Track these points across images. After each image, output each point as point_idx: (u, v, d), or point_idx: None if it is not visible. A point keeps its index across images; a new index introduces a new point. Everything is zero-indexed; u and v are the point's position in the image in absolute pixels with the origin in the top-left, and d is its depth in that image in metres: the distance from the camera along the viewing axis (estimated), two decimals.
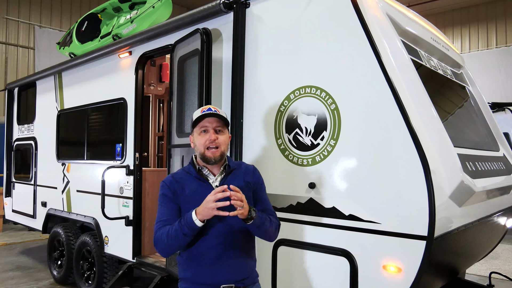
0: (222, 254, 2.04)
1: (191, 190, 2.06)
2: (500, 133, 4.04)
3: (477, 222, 2.95)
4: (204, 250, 2.04)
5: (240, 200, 1.84)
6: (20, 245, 7.93)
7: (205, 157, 2.06)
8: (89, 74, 5.22)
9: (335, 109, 2.72)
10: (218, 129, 2.08)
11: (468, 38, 15.41)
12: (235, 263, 2.07)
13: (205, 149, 2.05)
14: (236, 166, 2.16)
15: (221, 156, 2.07)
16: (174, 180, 2.12)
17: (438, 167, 2.34)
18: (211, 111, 2.07)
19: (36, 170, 6.31)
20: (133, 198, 4.35)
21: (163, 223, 2.05)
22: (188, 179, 2.10)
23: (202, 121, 2.08)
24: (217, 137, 2.06)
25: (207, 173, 2.11)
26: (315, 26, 2.89)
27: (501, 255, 7.15)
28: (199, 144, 2.07)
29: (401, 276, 2.38)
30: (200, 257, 2.05)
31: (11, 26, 13.11)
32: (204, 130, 2.07)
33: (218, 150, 2.05)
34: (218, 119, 2.08)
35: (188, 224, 1.90)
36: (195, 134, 2.11)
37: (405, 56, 2.69)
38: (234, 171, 2.14)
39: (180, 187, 2.09)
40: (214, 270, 2.04)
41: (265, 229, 2.02)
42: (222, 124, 2.10)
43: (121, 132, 4.59)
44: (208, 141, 2.04)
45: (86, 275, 4.94)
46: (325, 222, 2.69)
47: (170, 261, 3.71)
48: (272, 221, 2.09)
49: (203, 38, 3.35)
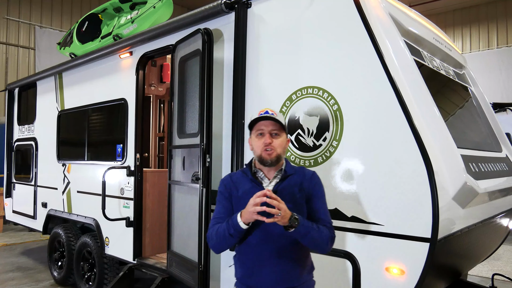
0: (265, 259, 2.03)
1: (244, 191, 2.08)
2: (502, 134, 4.02)
3: (480, 224, 2.93)
4: (248, 252, 2.07)
5: (277, 207, 1.81)
6: (21, 245, 7.92)
7: (261, 158, 2.06)
8: (90, 74, 5.20)
9: (337, 110, 2.70)
10: (274, 133, 2.07)
11: (469, 38, 15.38)
12: (281, 271, 2.03)
13: (262, 151, 2.06)
14: (293, 172, 2.12)
15: (277, 158, 2.06)
16: (231, 180, 2.16)
17: (441, 168, 2.32)
18: (267, 114, 2.07)
19: (37, 171, 6.29)
20: (134, 199, 4.33)
21: (217, 220, 2.10)
22: (243, 180, 2.12)
23: (258, 124, 2.09)
24: (272, 140, 2.05)
25: (262, 176, 2.12)
26: (317, 26, 2.87)
27: (503, 256, 7.13)
28: (256, 147, 2.09)
29: (404, 278, 2.36)
30: (245, 258, 2.10)
31: (11, 26, 13.10)
32: (260, 133, 2.08)
33: (274, 151, 2.04)
34: (274, 122, 2.06)
35: (233, 225, 1.93)
36: (253, 136, 2.12)
37: (408, 56, 2.67)
38: (291, 177, 2.09)
39: (235, 187, 2.12)
40: (258, 274, 2.05)
41: (311, 239, 1.95)
42: (278, 128, 2.08)
43: (121, 133, 4.57)
44: (264, 145, 2.05)
45: (86, 276, 4.92)
46: None
47: (171, 262, 3.69)
48: (322, 231, 1.98)
49: (204, 39, 3.33)
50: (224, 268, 3.39)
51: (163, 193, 4.25)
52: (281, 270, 2.03)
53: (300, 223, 1.88)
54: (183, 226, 3.59)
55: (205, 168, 3.24)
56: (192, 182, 3.39)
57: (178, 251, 3.60)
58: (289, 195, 2.03)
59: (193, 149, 3.42)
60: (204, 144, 3.24)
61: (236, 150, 3.19)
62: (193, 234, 3.32)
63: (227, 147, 3.35)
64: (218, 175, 3.40)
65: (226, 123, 3.39)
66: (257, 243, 2.03)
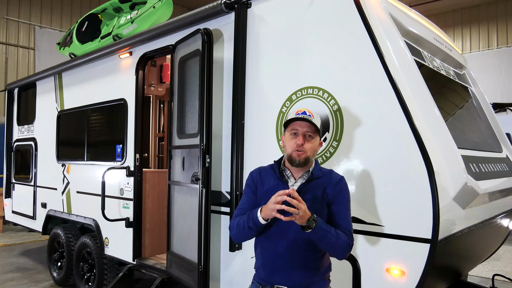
0: (279, 254, 2.05)
1: (269, 187, 2.09)
2: (502, 134, 4.02)
3: (481, 225, 2.93)
4: (265, 245, 2.10)
5: (296, 207, 1.81)
6: (20, 246, 7.91)
7: (291, 157, 2.07)
8: (90, 74, 5.19)
9: (337, 110, 2.69)
10: (308, 135, 2.07)
11: (469, 39, 15.37)
12: (292, 268, 2.04)
13: (293, 151, 2.07)
14: (320, 175, 2.11)
15: (305, 160, 2.06)
16: (259, 174, 2.19)
17: (442, 169, 2.31)
18: (305, 114, 2.07)
19: (36, 171, 6.28)
20: (134, 200, 4.32)
21: (240, 211, 2.14)
22: (270, 176, 2.14)
23: (293, 123, 2.09)
24: (304, 142, 2.05)
25: (288, 175, 2.13)
26: (317, 26, 2.86)
27: (503, 257, 7.12)
28: (288, 146, 2.10)
29: (404, 279, 2.35)
30: (262, 251, 2.13)
31: (11, 26, 13.09)
32: (294, 133, 2.09)
33: (304, 153, 2.05)
34: (310, 124, 2.06)
35: (253, 219, 1.96)
36: (287, 134, 2.13)
37: (409, 56, 2.67)
38: (317, 180, 2.09)
39: (262, 181, 2.15)
40: (271, 268, 2.08)
41: (328, 242, 1.94)
42: (313, 130, 2.08)
43: (121, 133, 4.56)
44: (296, 145, 2.06)
45: (86, 277, 4.91)
46: None
47: (170, 263, 3.69)
48: (340, 237, 1.97)
49: (204, 39, 3.32)
50: (224, 269, 3.38)
51: (163, 193, 4.24)
52: (293, 267, 2.04)
53: (318, 225, 1.88)
54: (183, 227, 3.58)
55: (204, 168, 3.23)
56: (192, 182, 3.38)
57: (178, 252, 3.59)
58: (312, 197, 2.03)
59: (193, 149, 3.41)
60: (203, 144, 3.24)
61: (236, 151, 3.18)
62: (193, 235, 3.31)
63: (227, 148, 3.34)
64: (218, 176, 3.39)
65: (226, 123, 3.39)
66: (273, 237, 2.06)
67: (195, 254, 3.26)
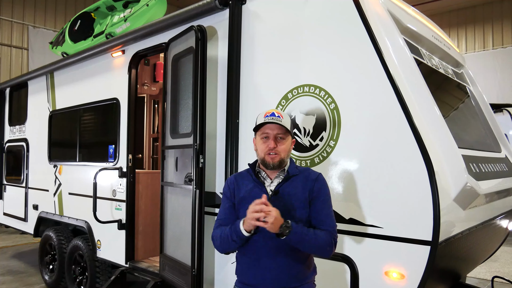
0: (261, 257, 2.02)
1: (246, 190, 2.08)
2: (501, 134, 3.97)
3: (481, 226, 2.87)
4: (246, 249, 2.06)
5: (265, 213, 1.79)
6: (12, 248, 7.79)
7: (264, 161, 2.06)
8: (82, 73, 5.10)
9: (334, 109, 2.62)
10: (279, 137, 2.04)
11: (464, 39, 15.39)
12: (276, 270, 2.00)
13: (265, 155, 2.04)
14: (297, 173, 2.09)
15: (280, 162, 2.04)
16: (234, 180, 2.17)
17: (442, 169, 2.26)
18: (274, 116, 2.03)
19: (28, 172, 6.19)
20: (126, 201, 4.23)
21: (219, 222, 2.13)
22: (247, 180, 2.13)
23: (263, 127, 2.05)
24: (276, 145, 2.02)
25: (264, 177, 2.11)
26: (314, 22, 2.80)
27: (500, 258, 7.09)
28: (259, 150, 2.08)
29: (404, 283, 2.28)
30: (243, 255, 2.10)
31: (4, 26, 12.94)
32: (265, 137, 2.05)
33: (277, 156, 2.03)
34: (280, 126, 2.02)
35: (236, 232, 1.94)
36: (258, 138, 2.10)
37: (408, 54, 2.60)
38: (294, 178, 2.06)
39: (238, 187, 2.13)
40: (254, 272, 2.04)
41: (308, 245, 1.92)
42: (284, 131, 2.04)
43: (114, 133, 4.48)
44: (268, 149, 2.03)
45: (78, 280, 4.83)
46: None
47: (163, 266, 3.60)
48: (320, 237, 1.94)
49: (198, 36, 3.25)
50: (218, 272, 3.30)
51: (156, 194, 4.15)
52: (276, 269, 2.00)
53: (292, 231, 1.85)
54: (176, 229, 3.50)
55: (198, 169, 3.15)
56: (185, 183, 3.30)
57: (171, 255, 3.52)
58: (291, 196, 2.01)
59: (186, 149, 3.33)
60: (197, 144, 3.16)
61: (231, 151, 3.11)
62: (186, 237, 3.24)
63: (221, 148, 3.27)
64: (212, 176, 3.32)
65: (220, 122, 3.31)
66: (254, 240, 2.02)
67: (188, 256, 3.19)
